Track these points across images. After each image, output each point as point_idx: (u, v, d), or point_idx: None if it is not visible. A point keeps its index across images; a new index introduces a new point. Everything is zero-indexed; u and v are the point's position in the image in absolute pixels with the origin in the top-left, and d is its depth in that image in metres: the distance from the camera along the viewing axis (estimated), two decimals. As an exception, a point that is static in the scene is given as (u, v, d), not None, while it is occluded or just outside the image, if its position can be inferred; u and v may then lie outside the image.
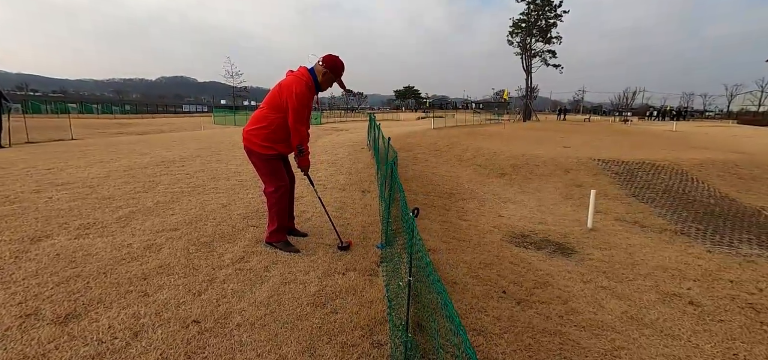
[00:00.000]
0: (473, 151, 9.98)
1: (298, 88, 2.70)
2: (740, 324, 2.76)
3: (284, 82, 2.81)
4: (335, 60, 2.85)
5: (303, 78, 2.77)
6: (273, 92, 2.83)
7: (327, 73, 2.83)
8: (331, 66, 2.83)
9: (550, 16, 33.81)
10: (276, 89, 2.82)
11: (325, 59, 2.83)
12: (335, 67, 2.85)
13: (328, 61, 2.83)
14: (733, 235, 5.04)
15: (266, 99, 2.85)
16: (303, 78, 2.77)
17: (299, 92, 2.70)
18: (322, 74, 2.82)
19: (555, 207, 6.22)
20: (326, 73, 2.83)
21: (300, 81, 2.74)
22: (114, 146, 8.82)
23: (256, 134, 2.81)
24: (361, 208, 4.30)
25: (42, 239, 2.83)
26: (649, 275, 3.56)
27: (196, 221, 3.43)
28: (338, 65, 2.86)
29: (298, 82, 2.73)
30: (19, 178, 4.79)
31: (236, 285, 2.34)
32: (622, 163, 8.73)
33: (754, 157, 10.14)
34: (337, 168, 6.62)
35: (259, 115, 2.85)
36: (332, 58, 2.85)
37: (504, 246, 4.10)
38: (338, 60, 2.86)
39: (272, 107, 2.79)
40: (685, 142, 14.25)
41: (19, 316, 1.87)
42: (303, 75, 2.79)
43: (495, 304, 2.60)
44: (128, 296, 2.13)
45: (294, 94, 2.70)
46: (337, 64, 2.85)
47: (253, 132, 2.82)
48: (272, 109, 2.79)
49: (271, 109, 2.79)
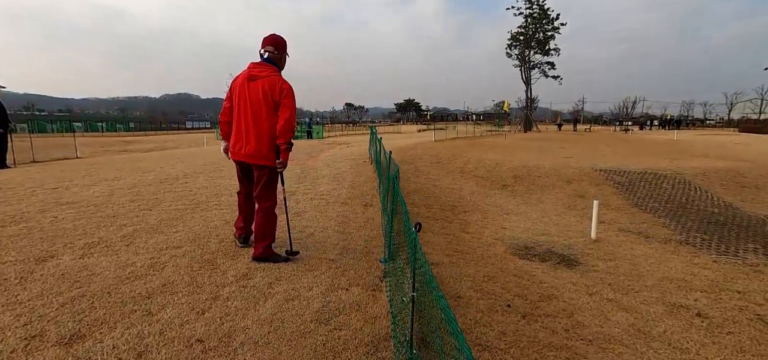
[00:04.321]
0: (475, 163, 10.00)
1: (290, 86, 2.79)
2: (749, 336, 2.72)
3: (271, 80, 2.76)
4: (280, 38, 2.89)
5: (279, 75, 2.84)
6: (257, 96, 2.74)
7: (284, 55, 2.92)
8: (284, 46, 2.89)
9: (547, 28, 34.24)
10: (258, 92, 2.74)
11: (278, 44, 2.86)
12: (285, 44, 2.91)
13: (282, 45, 2.88)
14: (738, 245, 5.00)
15: (251, 106, 2.76)
16: (279, 75, 2.84)
17: (292, 89, 2.80)
18: (283, 59, 2.92)
19: (558, 218, 6.20)
20: (283, 56, 2.91)
21: (284, 79, 2.82)
22: (118, 164, 8.91)
23: (269, 148, 2.78)
24: (364, 222, 4.31)
25: (47, 259, 2.85)
26: (655, 286, 3.53)
27: (200, 238, 3.44)
28: (285, 42, 2.91)
29: (285, 80, 2.81)
30: (25, 197, 4.84)
31: (240, 302, 2.34)
32: (624, 173, 8.72)
33: (757, 164, 10.11)
34: (339, 182, 6.64)
35: (265, 128, 2.76)
36: (280, 38, 2.89)
37: (508, 258, 4.08)
38: (279, 37, 2.90)
39: (270, 112, 2.75)
40: (687, 151, 14.24)
41: (24, 338, 1.87)
42: (276, 71, 2.84)
43: (500, 318, 2.58)
44: (132, 316, 2.13)
45: (291, 94, 2.78)
46: (284, 41, 2.91)
47: (268, 146, 2.77)
48: (270, 114, 2.75)
49: (270, 114, 2.75)
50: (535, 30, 34.50)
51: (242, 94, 2.80)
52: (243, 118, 2.80)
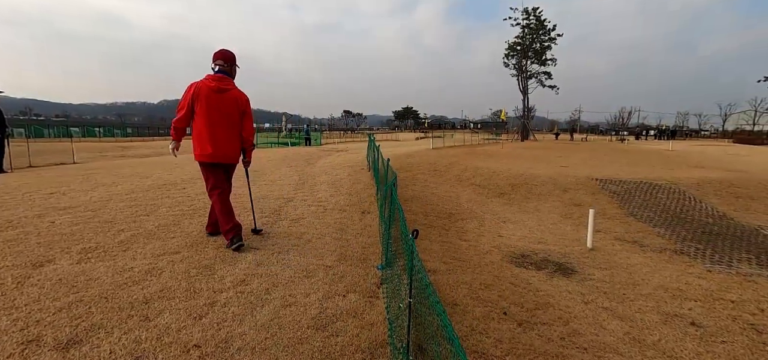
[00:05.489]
0: (472, 171, 10.06)
1: (248, 97, 3.44)
2: (743, 345, 2.75)
3: (237, 93, 3.34)
4: (229, 53, 3.39)
5: (238, 87, 3.40)
6: (231, 108, 3.30)
7: (234, 67, 3.42)
8: (234, 59, 3.41)
9: (544, 39, 34.71)
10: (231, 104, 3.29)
11: (228, 58, 3.35)
12: (234, 58, 3.41)
13: (231, 59, 3.38)
14: (732, 255, 5.04)
15: (226, 117, 3.29)
16: (238, 87, 3.40)
17: (249, 100, 3.46)
18: (234, 70, 3.43)
19: (554, 226, 6.24)
20: (233, 67, 3.41)
21: (241, 90, 3.40)
22: (116, 169, 8.89)
23: (239, 150, 3.47)
24: (361, 229, 4.32)
25: (44, 264, 2.84)
26: (650, 295, 3.55)
27: (197, 244, 3.44)
28: (234, 56, 3.42)
29: (242, 92, 3.40)
30: (22, 202, 4.83)
31: (237, 308, 2.35)
32: (620, 182, 8.79)
33: (751, 175, 10.23)
34: (336, 189, 6.67)
35: (237, 134, 3.39)
36: (229, 53, 3.38)
37: (504, 266, 4.10)
38: (228, 52, 3.39)
39: (239, 121, 3.37)
40: (682, 161, 14.38)
41: (21, 343, 1.87)
42: (234, 83, 3.39)
43: (496, 325, 2.60)
44: (129, 321, 2.14)
45: (250, 103, 3.45)
46: (233, 55, 3.41)
47: (239, 149, 3.46)
48: (239, 122, 3.38)
49: (239, 122, 3.38)
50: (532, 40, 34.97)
51: (212, 105, 3.23)
52: (217, 126, 3.27)
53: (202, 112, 3.20)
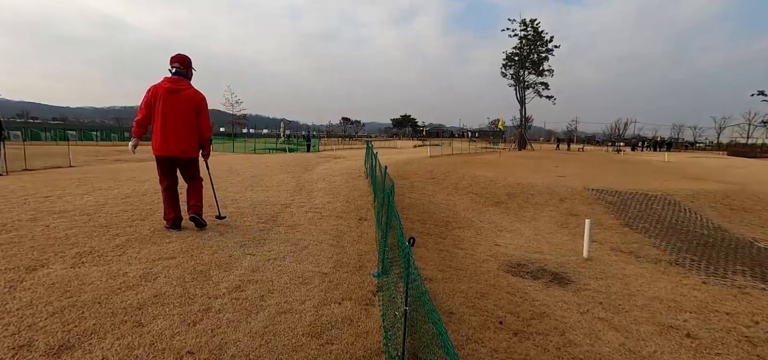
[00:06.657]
0: (469, 180, 10.09)
1: (204, 96, 3.83)
2: (738, 357, 2.75)
3: (191, 93, 3.72)
4: (185, 57, 3.80)
5: (194, 87, 3.78)
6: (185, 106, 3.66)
7: (190, 70, 3.85)
8: (190, 63, 3.84)
9: (541, 50, 35.09)
10: (185, 103, 3.66)
11: (184, 62, 3.77)
12: (190, 62, 3.85)
13: (187, 62, 3.81)
14: (727, 266, 5.07)
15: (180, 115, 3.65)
16: (194, 87, 3.78)
17: (206, 99, 3.86)
18: (190, 73, 3.85)
19: (551, 236, 6.25)
20: (189, 70, 3.85)
21: (198, 90, 3.79)
22: (112, 173, 8.85)
23: (196, 144, 3.84)
24: (358, 236, 4.32)
25: (37, 268, 2.82)
26: (646, 306, 3.56)
27: (193, 249, 3.43)
28: (189, 59, 3.85)
29: (200, 92, 3.79)
30: (16, 206, 4.79)
31: (232, 315, 2.33)
32: (616, 193, 8.85)
33: (745, 187, 10.32)
34: (334, 195, 6.66)
35: (193, 130, 3.75)
36: (185, 57, 3.80)
37: (500, 275, 4.10)
38: (185, 56, 3.80)
39: (194, 118, 3.74)
40: (677, 172, 14.50)
41: (12, 348, 1.85)
42: (191, 84, 3.79)
43: (492, 335, 2.59)
44: (123, 326, 2.12)
45: (206, 102, 3.85)
46: (189, 59, 3.84)
47: (195, 143, 3.83)
48: (194, 119, 3.74)
49: (194, 119, 3.74)
50: (530, 51, 35.34)
51: (168, 104, 3.61)
52: (170, 123, 3.62)
53: (159, 111, 3.61)
